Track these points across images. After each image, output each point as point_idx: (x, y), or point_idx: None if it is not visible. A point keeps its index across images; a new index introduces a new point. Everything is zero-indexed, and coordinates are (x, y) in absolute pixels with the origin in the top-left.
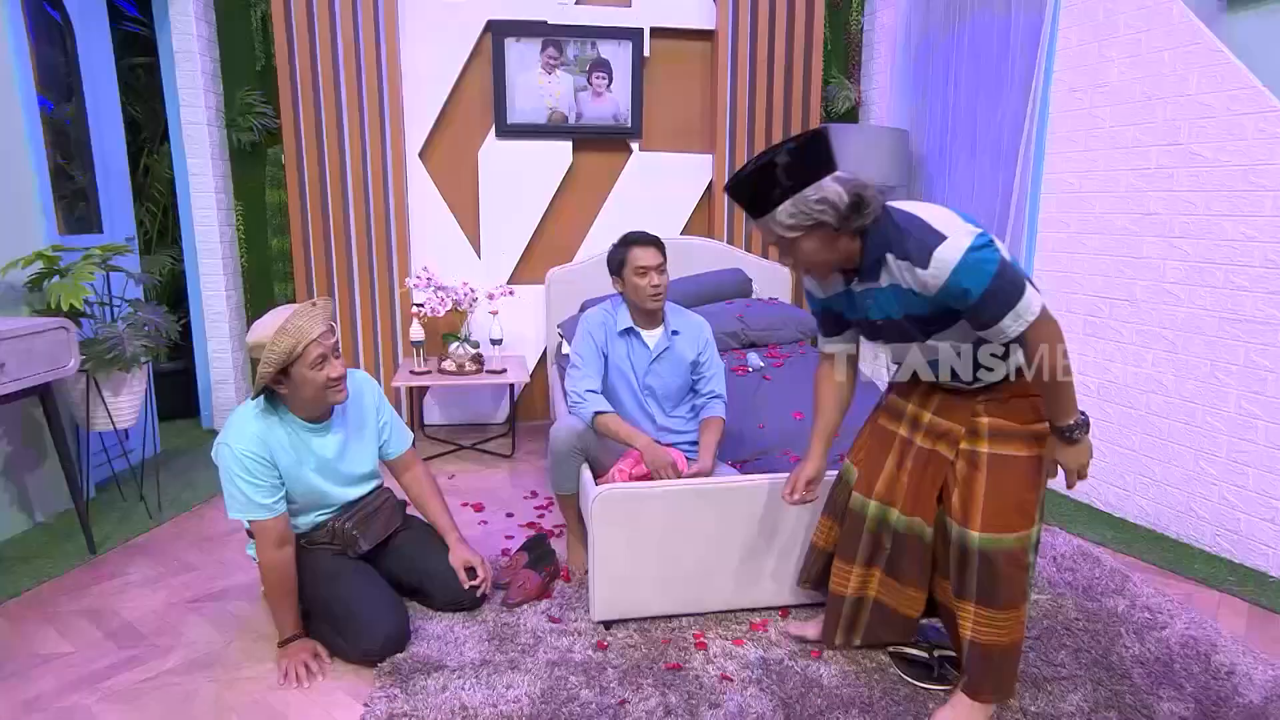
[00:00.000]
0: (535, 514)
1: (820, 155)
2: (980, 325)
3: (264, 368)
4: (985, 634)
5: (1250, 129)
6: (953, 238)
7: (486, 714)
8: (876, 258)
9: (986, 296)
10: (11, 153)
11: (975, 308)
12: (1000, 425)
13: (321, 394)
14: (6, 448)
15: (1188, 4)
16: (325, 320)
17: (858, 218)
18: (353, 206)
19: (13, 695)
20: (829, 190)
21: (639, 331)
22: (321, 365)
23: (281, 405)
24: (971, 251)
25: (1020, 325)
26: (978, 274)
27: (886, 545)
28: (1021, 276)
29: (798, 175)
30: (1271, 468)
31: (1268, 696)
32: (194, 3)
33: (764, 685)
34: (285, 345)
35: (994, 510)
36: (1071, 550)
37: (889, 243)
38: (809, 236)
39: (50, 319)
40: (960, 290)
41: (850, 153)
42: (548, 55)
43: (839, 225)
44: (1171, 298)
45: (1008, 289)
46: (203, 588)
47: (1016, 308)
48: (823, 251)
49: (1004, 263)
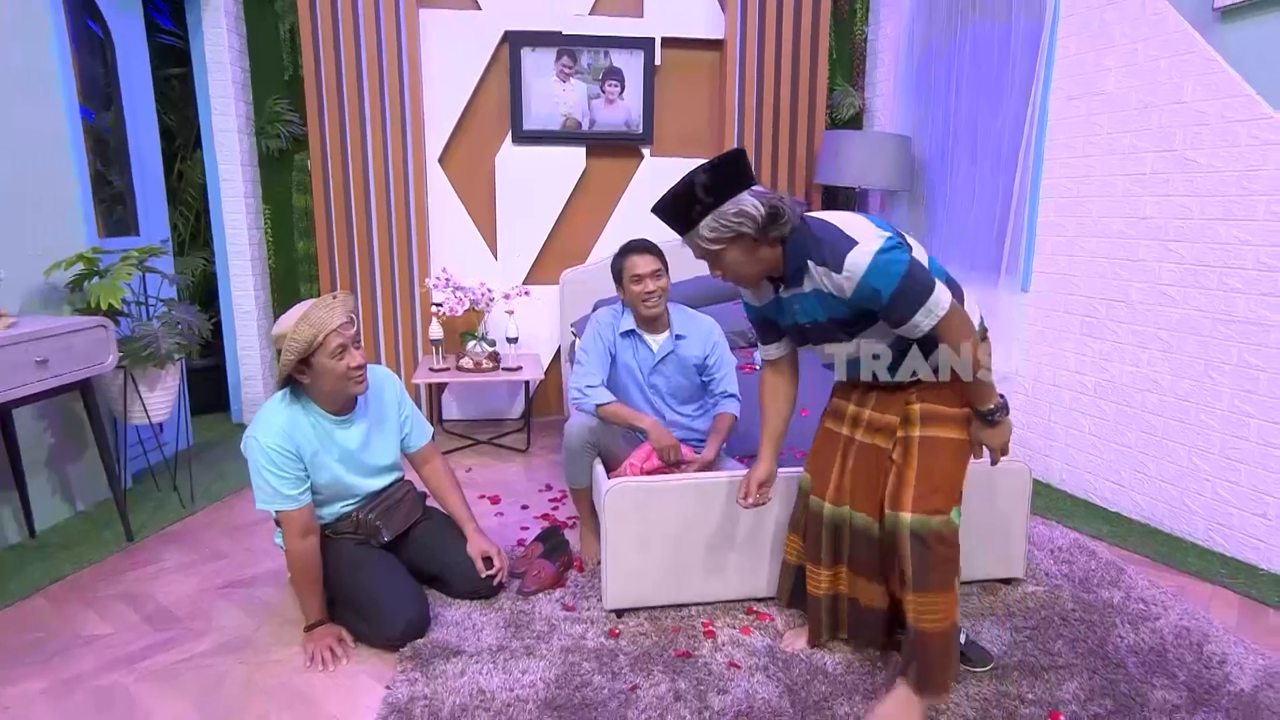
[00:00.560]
0: (550, 506)
1: (737, 173)
2: (895, 323)
3: (286, 356)
4: (924, 620)
5: (1244, 135)
6: (863, 242)
7: (503, 698)
8: (798, 265)
9: (896, 296)
10: (55, 159)
11: (887, 307)
12: (931, 410)
13: (343, 383)
14: (50, 440)
15: (1183, 14)
16: (345, 312)
17: (774, 228)
18: (375, 210)
19: (56, 673)
20: (746, 204)
21: (642, 335)
22: (342, 355)
23: (306, 398)
24: (880, 254)
25: (931, 320)
26: (886, 275)
27: (846, 542)
28: (929, 275)
29: (716, 192)
30: (1263, 464)
31: (1257, 685)
32: (225, 16)
33: (770, 672)
34: (306, 335)
35: (922, 492)
36: (1068, 543)
37: (808, 250)
38: (732, 247)
39: (90, 318)
40: (871, 291)
41: (855, 158)
42: (562, 64)
43: (758, 235)
44: (1167, 299)
45: (916, 288)
46: (233, 574)
47: (926, 304)
48: (746, 261)
49: (913, 263)
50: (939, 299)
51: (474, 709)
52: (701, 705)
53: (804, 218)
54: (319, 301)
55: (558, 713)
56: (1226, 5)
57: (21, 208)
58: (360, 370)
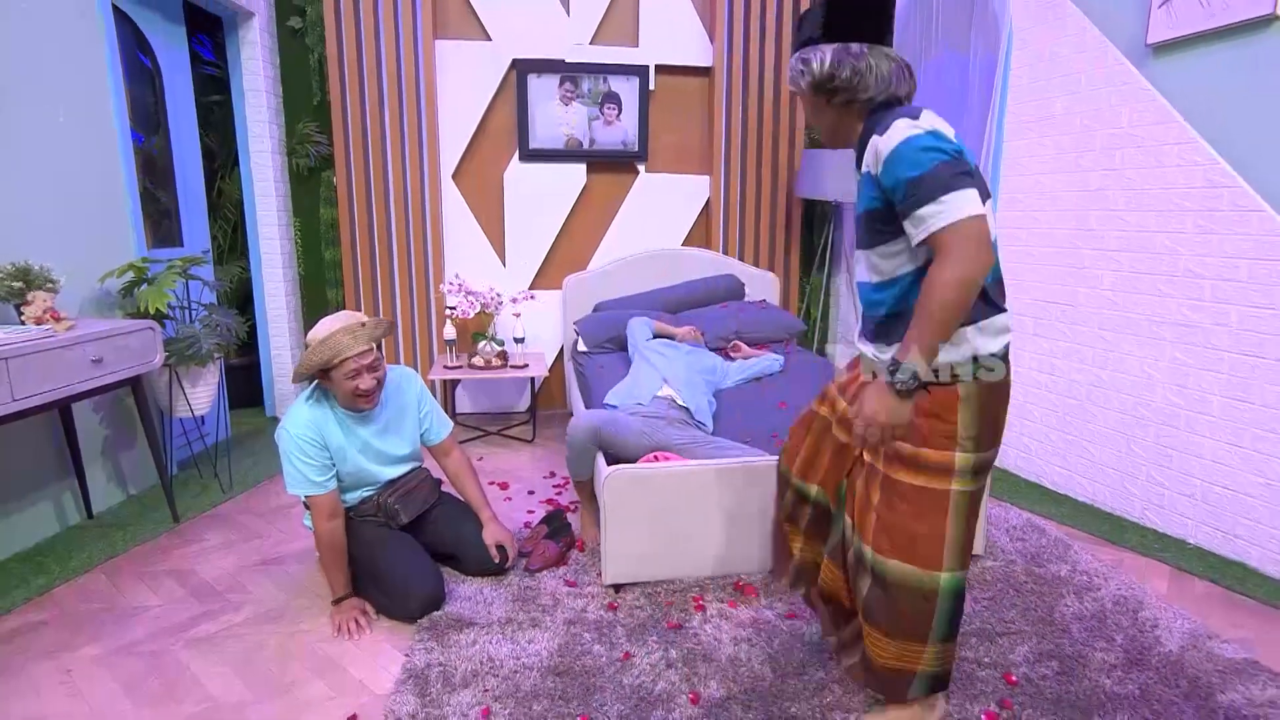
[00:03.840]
0: (554, 491)
1: (851, 21)
2: (905, 210)
3: (304, 364)
4: (872, 651)
5: (1173, 156)
6: (925, 123)
7: (511, 665)
8: (866, 140)
9: (925, 177)
10: (110, 178)
11: (909, 185)
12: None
13: (350, 399)
14: (105, 431)
15: (1120, 49)
16: (369, 340)
17: (834, 93)
18: (394, 222)
19: (112, 640)
20: (819, 56)
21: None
22: (355, 377)
23: (331, 396)
24: (932, 135)
25: (940, 220)
26: (924, 154)
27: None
28: (972, 182)
29: (826, 30)
30: (1191, 451)
31: (1184, 645)
32: (261, 49)
33: (754, 643)
34: (321, 356)
35: (880, 529)
36: (1022, 523)
37: (878, 125)
38: (803, 94)
39: (139, 321)
40: (900, 164)
41: (832, 175)
42: (565, 89)
43: (814, 92)
44: (1108, 303)
45: (947, 178)
46: (268, 552)
47: (945, 199)
48: (813, 114)
49: (958, 161)
50: (960, 204)
51: (484, 675)
52: (691, 672)
53: (901, 103)
54: (348, 327)
55: (560, 679)
56: (1158, 42)
57: (79, 221)
58: (368, 394)
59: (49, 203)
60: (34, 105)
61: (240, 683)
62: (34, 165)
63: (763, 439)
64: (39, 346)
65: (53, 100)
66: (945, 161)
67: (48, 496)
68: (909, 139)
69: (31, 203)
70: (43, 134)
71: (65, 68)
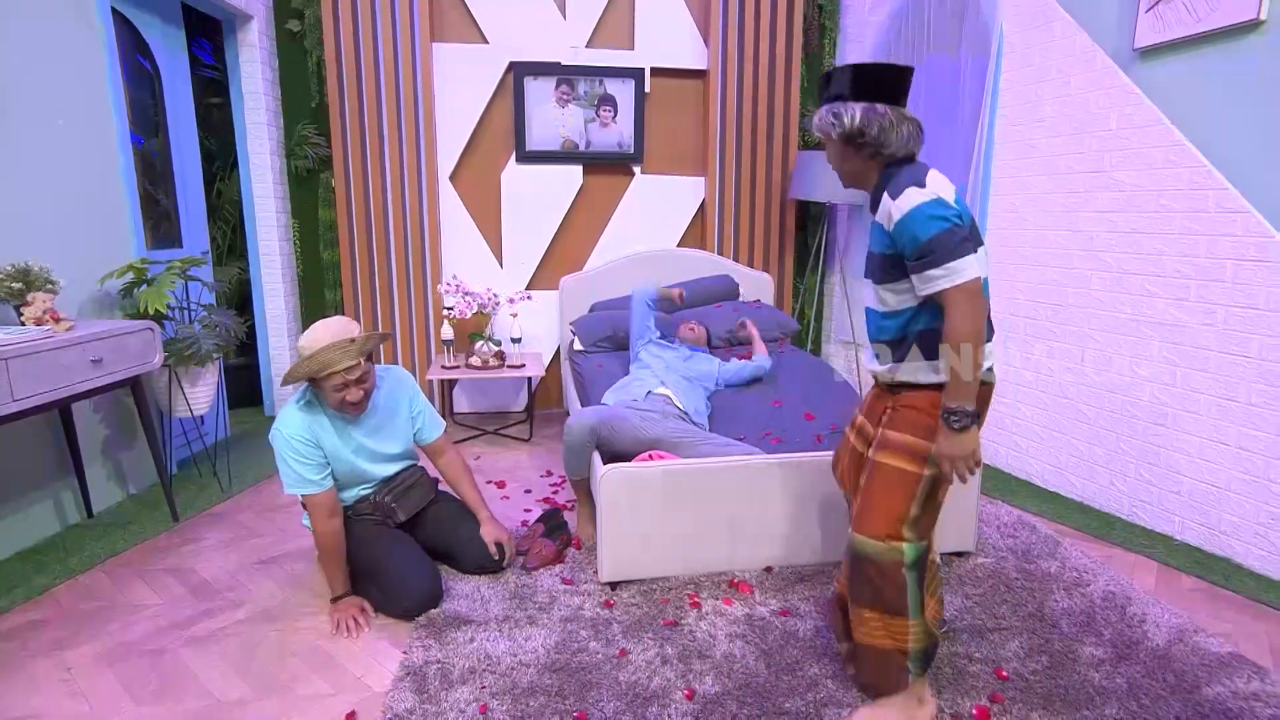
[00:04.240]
0: (550, 490)
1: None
2: (915, 268)
3: (287, 375)
4: (858, 631)
5: (1159, 159)
6: (930, 189)
7: (508, 662)
8: (881, 193)
9: (930, 242)
10: (109, 180)
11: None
12: (885, 437)
13: (337, 408)
14: (105, 431)
15: (1108, 53)
16: (357, 355)
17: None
18: (392, 223)
19: (112, 638)
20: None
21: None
22: (341, 390)
23: (321, 398)
24: (937, 204)
25: (948, 281)
26: (931, 221)
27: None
28: (971, 251)
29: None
30: (1178, 449)
31: (1170, 640)
32: (260, 51)
33: (749, 639)
34: (307, 369)
35: (861, 510)
36: (1013, 520)
37: (891, 180)
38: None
39: (139, 321)
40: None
41: (825, 177)
42: (561, 91)
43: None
44: (1097, 303)
45: (952, 246)
46: (267, 551)
47: (952, 264)
48: (837, 158)
49: (960, 230)
50: (965, 268)
51: (481, 671)
52: (686, 669)
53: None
54: (337, 343)
55: (557, 675)
56: (1144, 46)
57: (78, 223)
58: (354, 405)
59: (49, 204)
60: (34, 108)
61: (239, 680)
62: (34, 167)
63: (757, 437)
64: (39, 347)
65: (53, 103)
66: (949, 230)
67: (48, 496)
68: (918, 206)
69: (32, 204)
70: (43, 136)
71: (65, 71)
